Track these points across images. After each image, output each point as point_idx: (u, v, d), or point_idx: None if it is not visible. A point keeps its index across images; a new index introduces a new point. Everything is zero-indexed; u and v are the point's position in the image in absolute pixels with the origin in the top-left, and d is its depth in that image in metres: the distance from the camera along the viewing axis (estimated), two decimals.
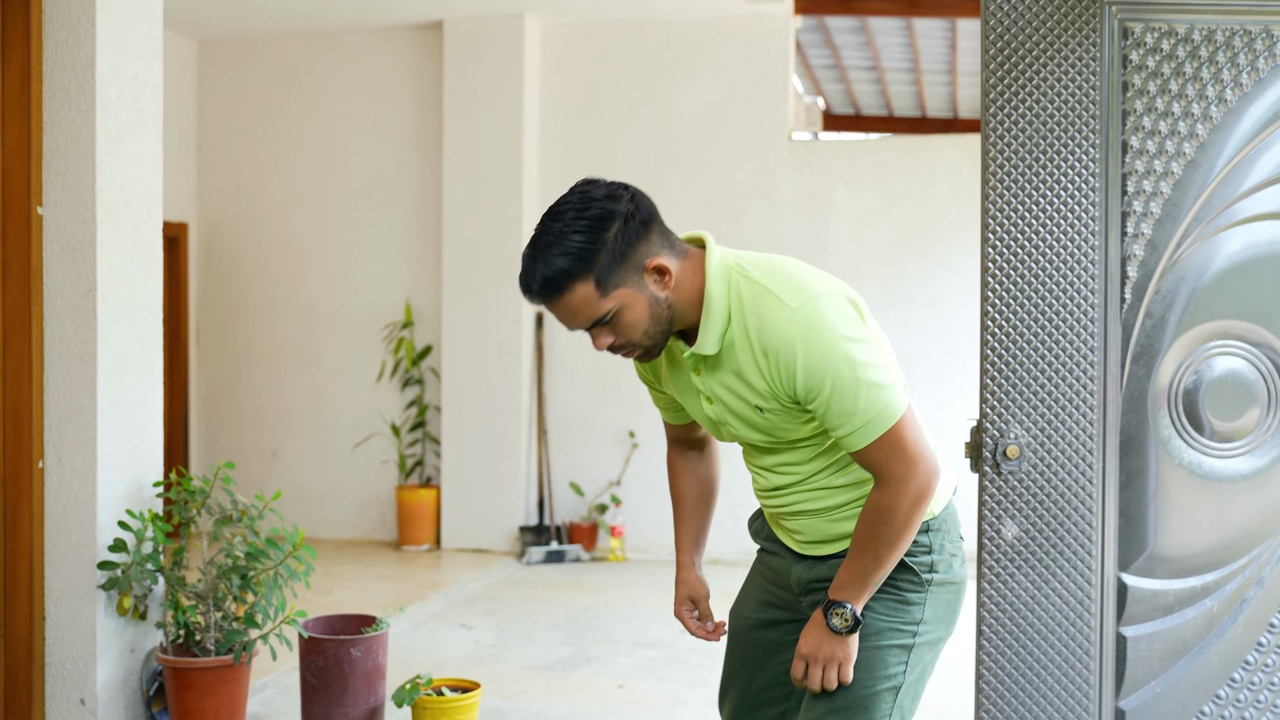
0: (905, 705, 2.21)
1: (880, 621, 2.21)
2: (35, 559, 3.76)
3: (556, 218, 1.98)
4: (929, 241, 7.35)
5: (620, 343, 2.07)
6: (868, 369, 2.01)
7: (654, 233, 2.03)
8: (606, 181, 2.03)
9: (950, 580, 2.29)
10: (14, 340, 3.75)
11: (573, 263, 1.95)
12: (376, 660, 3.75)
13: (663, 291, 2.03)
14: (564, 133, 7.78)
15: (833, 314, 2.01)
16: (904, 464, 2.04)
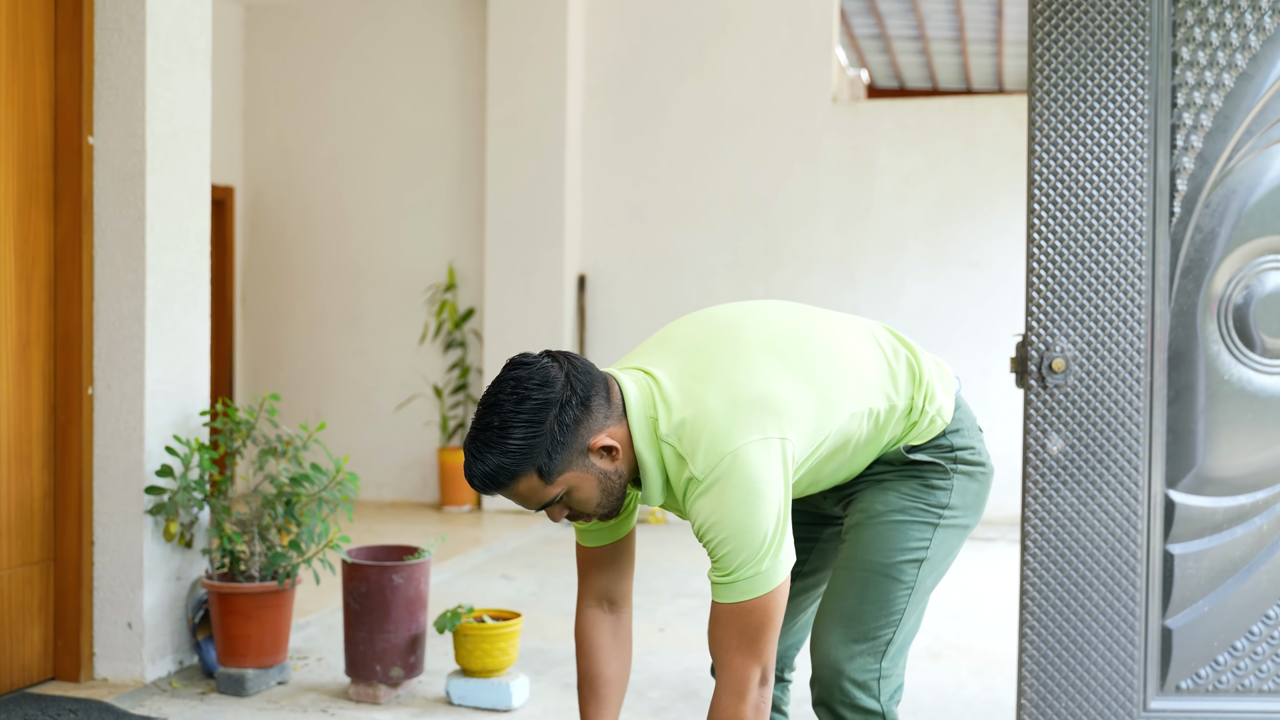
0: (927, 581, 2.20)
1: (904, 501, 2.21)
2: (84, 484, 3.82)
3: (493, 410, 1.92)
4: (974, 203, 7.29)
5: (575, 515, 2.06)
6: (764, 535, 1.94)
7: (594, 407, 1.96)
8: (538, 362, 1.96)
9: (975, 464, 2.25)
10: (65, 268, 3.80)
11: (513, 461, 1.91)
12: (419, 588, 3.77)
13: (612, 465, 2.00)
14: (608, 95, 7.79)
15: (741, 477, 1.93)
16: (744, 652, 1.96)
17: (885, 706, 2.14)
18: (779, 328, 2.15)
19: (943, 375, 2.28)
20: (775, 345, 2.10)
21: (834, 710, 2.14)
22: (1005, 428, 7.05)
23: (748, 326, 2.14)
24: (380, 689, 3.73)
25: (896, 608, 2.17)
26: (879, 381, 2.16)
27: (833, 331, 2.18)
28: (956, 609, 5.14)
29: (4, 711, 3.52)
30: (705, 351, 2.09)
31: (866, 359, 2.17)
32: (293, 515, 3.83)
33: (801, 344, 2.12)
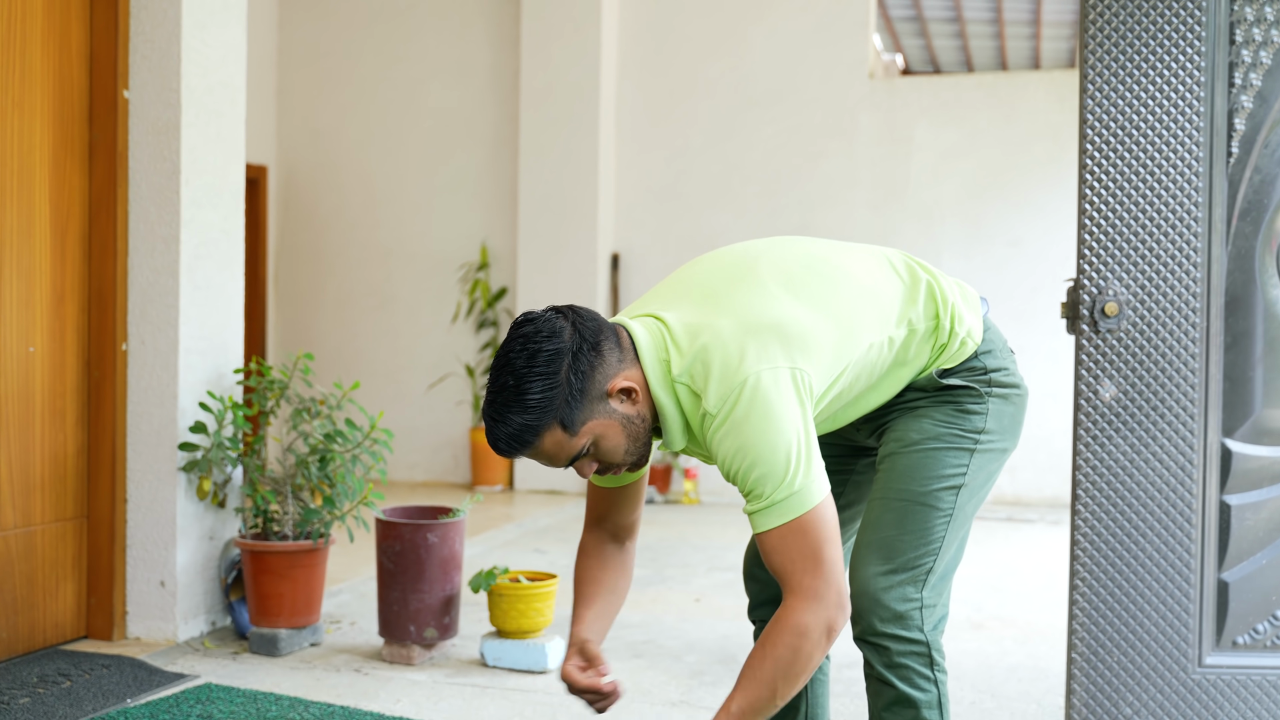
0: (966, 507, 2.14)
1: (939, 428, 2.14)
2: (118, 441, 3.79)
3: (506, 370, 1.89)
4: (1012, 180, 7.20)
5: (605, 468, 2.01)
6: (788, 455, 1.88)
7: (606, 352, 1.93)
8: (542, 317, 1.93)
9: (1009, 385, 2.19)
10: (100, 222, 3.78)
11: (534, 416, 1.87)
12: (453, 548, 3.72)
13: (634, 409, 1.96)
14: (641, 72, 7.73)
15: (757, 405, 1.88)
16: (811, 572, 1.88)
17: (929, 636, 2.07)
18: (791, 260, 2.09)
19: (967, 296, 2.22)
20: (788, 277, 2.05)
21: (874, 644, 2.07)
22: (1044, 407, 6.96)
23: (759, 261, 2.09)
24: (414, 649, 3.68)
25: (935, 536, 2.10)
26: (898, 308, 2.11)
27: (848, 261, 2.13)
28: (997, 583, 5.06)
29: (37, 665, 3.49)
30: (716, 289, 2.05)
31: (884, 285, 2.12)
32: (326, 474, 3.80)
33: (816, 275, 2.07)
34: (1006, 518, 6.85)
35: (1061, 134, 7.09)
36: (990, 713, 3.32)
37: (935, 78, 7.55)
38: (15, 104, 3.53)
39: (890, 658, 2.05)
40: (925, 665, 2.06)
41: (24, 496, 3.58)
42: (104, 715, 3.07)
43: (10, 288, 3.52)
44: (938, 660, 2.08)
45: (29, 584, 3.59)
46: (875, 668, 2.07)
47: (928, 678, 2.06)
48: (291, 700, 3.24)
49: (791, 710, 2.43)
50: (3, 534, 3.50)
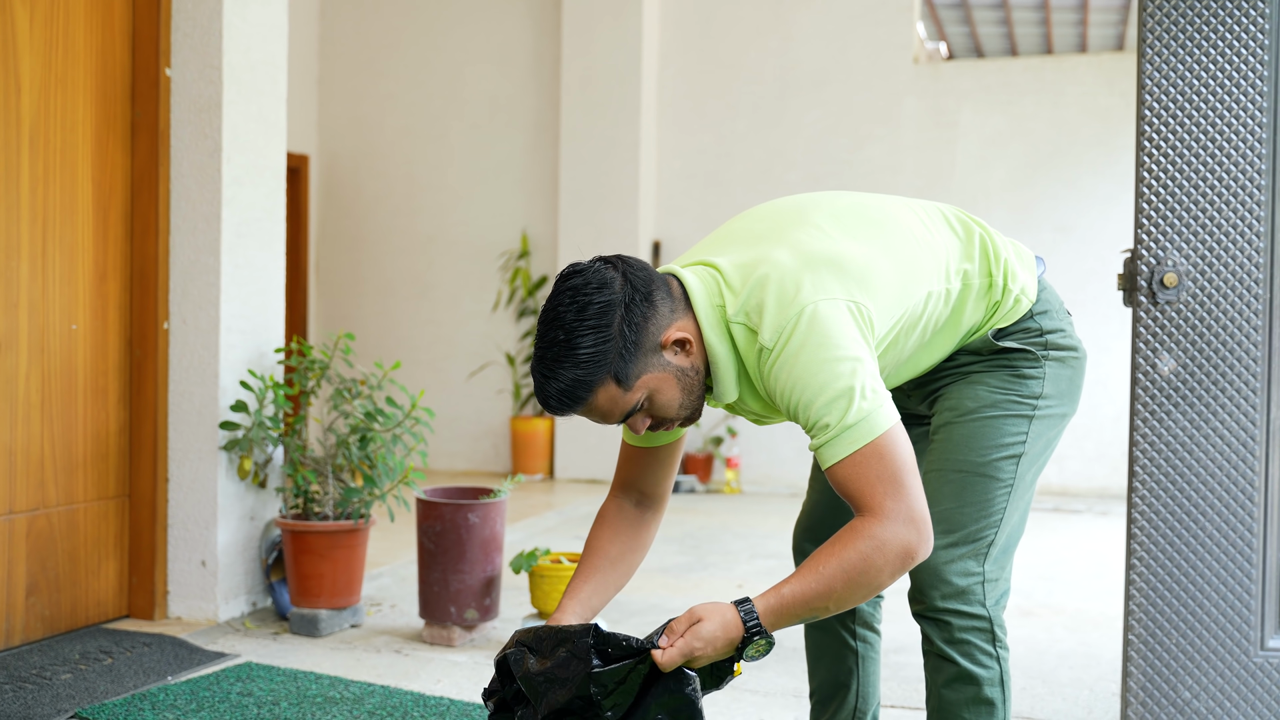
0: (1027, 476, 2.06)
1: (996, 394, 2.07)
2: (159, 420, 3.78)
3: (556, 325, 1.81)
4: (1060, 164, 7.08)
5: (659, 423, 1.94)
6: (851, 380, 1.77)
7: (659, 302, 1.85)
8: (591, 267, 1.85)
9: (1066, 348, 2.11)
10: (142, 200, 3.77)
11: (587, 370, 1.79)
12: (494, 529, 3.68)
13: (688, 360, 1.88)
14: (683, 58, 7.67)
15: (815, 334, 1.79)
16: (893, 495, 1.75)
17: (991, 611, 2.00)
18: (845, 207, 2.03)
19: (1021, 254, 2.15)
20: (843, 221, 1.98)
21: (935, 619, 2.00)
22: (1092, 395, 6.85)
23: (811, 207, 2.02)
24: (454, 631, 3.65)
25: (996, 507, 2.02)
26: (953, 259, 2.03)
27: (901, 212, 2.06)
28: (1046, 571, 4.97)
29: (79, 642, 3.49)
30: (768, 231, 1.97)
31: (939, 237, 2.04)
32: (367, 454, 3.77)
33: (871, 220, 2.00)
34: (1054, 508, 6.74)
35: (1110, 117, 6.96)
36: (1041, 698, 3.24)
37: (980, 62, 7.44)
38: (59, 81, 3.52)
39: (952, 633, 1.98)
40: (988, 641, 1.98)
41: (66, 474, 3.57)
42: (145, 692, 3.06)
43: (53, 265, 3.52)
44: (1000, 636, 2.00)
45: (71, 562, 3.59)
46: (936, 643, 2.00)
47: (990, 654, 1.98)
48: (331, 679, 3.22)
49: (842, 690, 2.37)
50: (45, 511, 3.50)
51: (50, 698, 2.99)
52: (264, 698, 3.03)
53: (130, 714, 2.88)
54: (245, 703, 2.99)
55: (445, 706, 3.00)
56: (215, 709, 2.93)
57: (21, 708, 2.90)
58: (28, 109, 3.43)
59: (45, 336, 3.49)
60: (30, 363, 3.45)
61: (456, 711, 2.96)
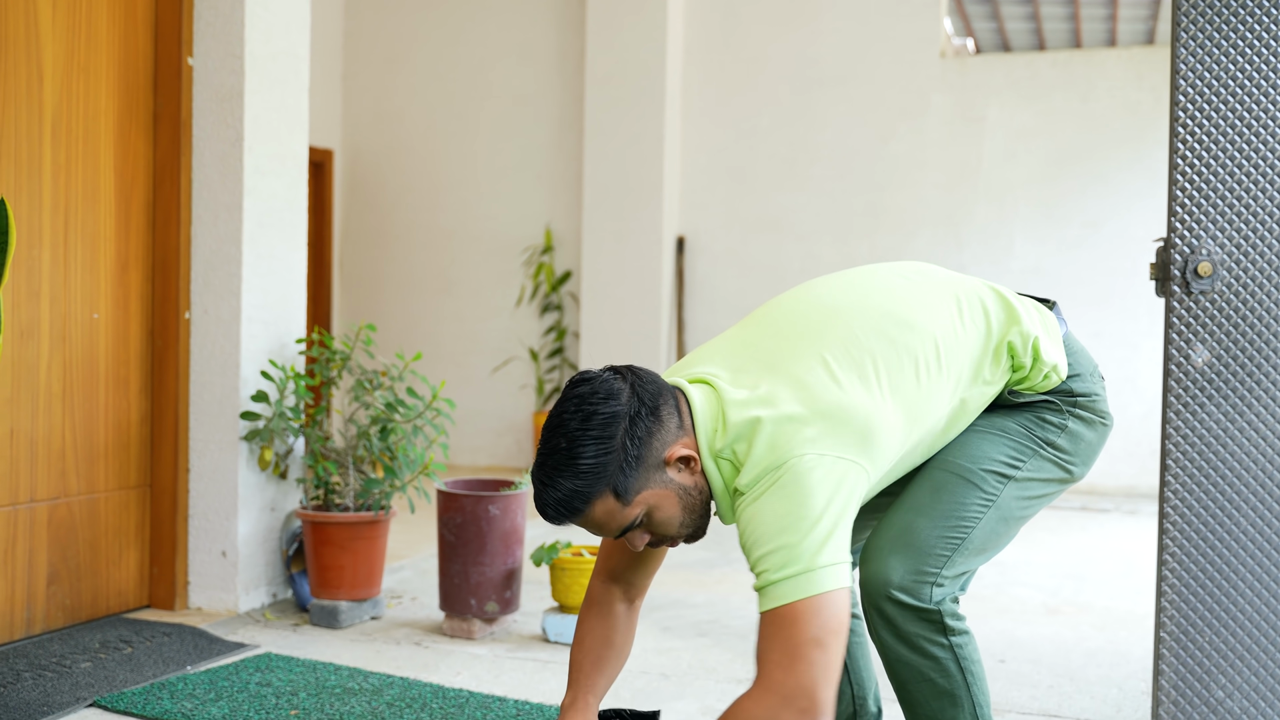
0: (1010, 505, 2.01)
1: (1009, 423, 2.05)
2: (180, 410, 3.77)
3: (559, 432, 1.79)
4: (1089, 160, 7.01)
5: (658, 540, 1.90)
6: (805, 535, 1.71)
7: (665, 417, 1.82)
8: (600, 377, 1.83)
9: (1096, 412, 2.11)
10: (164, 190, 3.76)
11: (586, 483, 1.77)
12: (515, 521, 3.66)
13: (691, 479, 1.85)
14: (708, 52, 7.64)
15: (791, 487, 1.73)
16: (785, 665, 1.67)
17: (940, 605, 1.94)
18: (864, 328, 1.94)
19: (1048, 326, 2.11)
20: (858, 356, 1.90)
21: (881, 612, 1.94)
22: (1120, 393, 6.78)
23: (829, 327, 1.94)
24: (475, 624, 3.62)
25: (969, 516, 1.97)
26: (973, 366, 2.01)
27: (927, 319, 1.98)
28: (1073, 570, 4.90)
29: (99, 631, 3.48)
30: (780, 354, 1.91)
31: (963, 341, 1.99)
32: (387, 445, 3.75)
33: (889, 349, 1.92)
34: (1081, 507, 6.67)
35: (1140, 111, 6.89)
36: (1069, 696, 3.19)
37: (1008, 56, 7.38)
38: (81, 70, 3.51)
39: (897, 626, 1.94)
40: (937, 632, 1.94)
41: (87, 463, 3.57)
42: (164, 681, 3.04)
43: (75, 254, 3.51)
44: (951, 625, 1.95)
45: (92, 551, 3.58)
46: (882, 636, 1.96)
47: (940, 644, 1.95)
48: (351, 670, 3.20)
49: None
50: (66, 500, 3.49)
51: (70, 685, 2.98)
52: (283, 688, 3.01)
53: (149, 702, 2.86)
54: (264, 692, 2.97)
55: (464, 698, 2.97)
56: (234, 698, 2.91)
57: (41, 695, 2.89)
58: (50, 98, 3.42)
59: (67, 325, 3.49)
60: (52, 351, 3.44)
61: (476, 703, 2.93)
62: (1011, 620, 3.98)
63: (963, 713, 1.97)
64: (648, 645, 3.61)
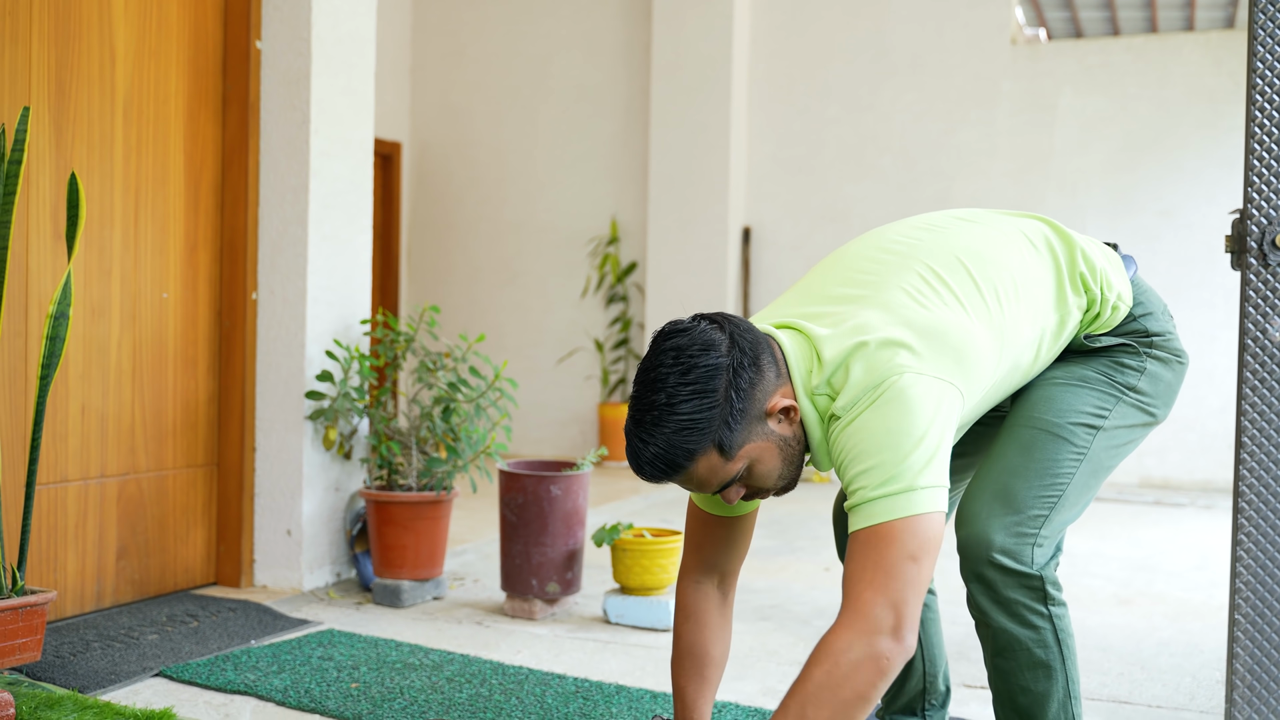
0: (1100, 456, 1.96)
1: (1088, 372, 2.01)
2: (247, 390, 3.81)
3: (656, 387, 1.71)
4: (1163, 147, 6.86)
5: (753, 493, 1.85)
6: (905, 454, 1.67)
7: (765, 367, 1.75)
8: (697, 327, 1.75)
9: (1171, 351, 2.06)
10: (232, 172, 3.81)
11: (689, 438, 1.69)
12: (576, 502, 3.65)
13: (790, 429, 1.79)
14: (774, 42, 7.59)
15: (894, 407, 1.70)
16: (874, 585, 1.63)
17: (1041, 570, 1.88)
18: (944, 258, 1.92)
19: (1111, 260, 2.08)
20: (943, 278, 1.88)
21: (981, 578, 1.88)
22: (1196, 385, 6.64)
23: (910, 260, 1.92)
24: (536, 604, 3.62)
25: (1063, 471, 1.92)
26: (1052, 295, 1.97)
27: (1001, 254, 1.96)
28: (1145, 562, 4.80)
29: (166, 606, 3.53)
30: (865, 286, 1.88)
31: (1037, 274, 1.96)
32: (450, 425, 3.76)
33: (972, 276, 1.90)
34: (1155, 501, 6.53)
35: (1217, 96, 6.73)
36: (1140, 684, 3.12)
37: (1080, 42, 7.24)
38: (152, 54, 3.57)
39: (997, 591, 1.87)
40: (1037, 600, 1.88)
41: (156, 441, 3.62)
42: (228, 653, 3.08)
43: (145, 234, 3.56)
44: (1052, 594, 1.89)
45: (160, 528, 3.64)
46: (980, 603, 1.89)
47: (1040, 613, 1.88)
48: (412, 647, 3.21)
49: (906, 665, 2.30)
50: (136, 476, 3.55)
51: (136, 656, 3.02)
52: (344, 662, 3.03)
53: (213, 673, 2.89)
54: (325, 666, 2.99)
55: (524, 675, 2.97)
56: (296, 671, 2.94)
57: (109, 664, 2.94)
58: (122, 81, 3.47)
59: (137, 305, 3.54)
60: (122, 330, 3.50)
61: (535, 680, 2.93)
62: (1082, 609, 3.90)
63: (1056, 685, 1.91)
64: None
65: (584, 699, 2.79)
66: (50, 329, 2.72)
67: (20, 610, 2.62)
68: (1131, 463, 6.94)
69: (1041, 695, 1.90)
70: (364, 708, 2.67)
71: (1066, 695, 1.90)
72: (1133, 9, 9.76)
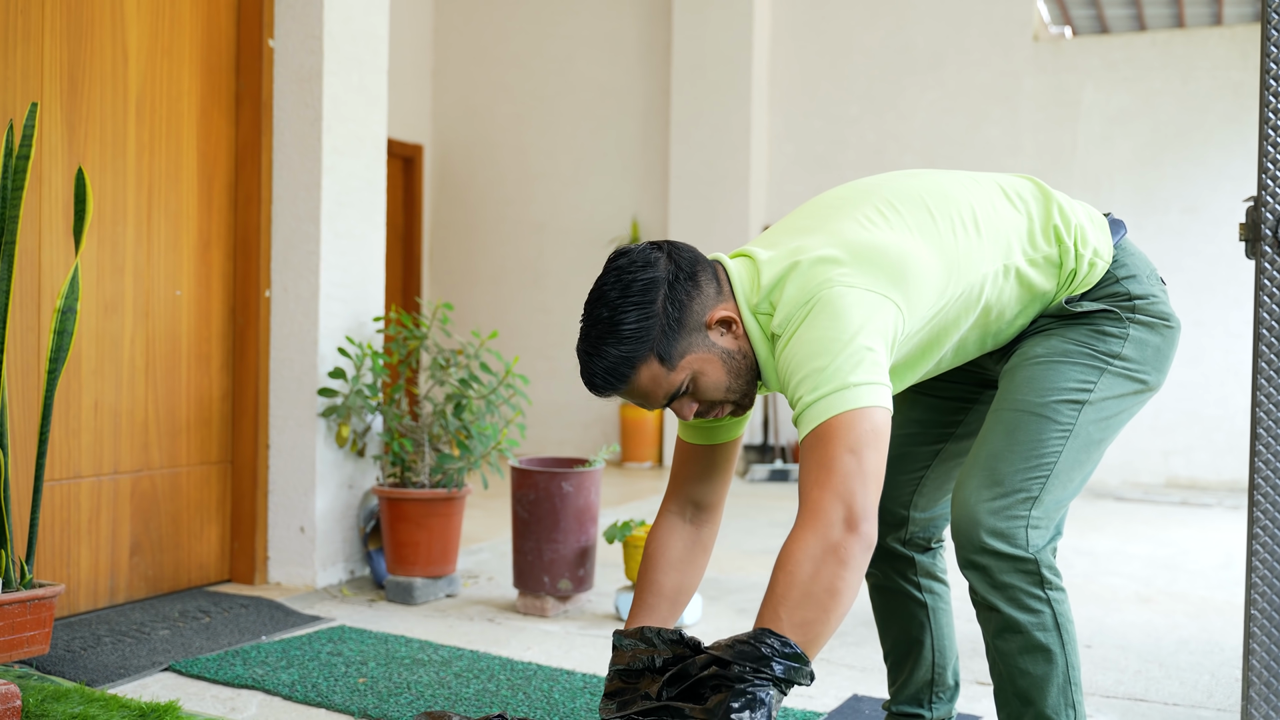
0: (1089, 429, 1.93)
1: (1069, 345, 1.97)
2: (260, 387, 3.82)
3: (600, 303, 1.84)
4: (1189, 143, 6.79)
5: (706, 408, 1.91)
6: (837, 355, 1.72)
7: (704, 283, 1.86)
8: (636, 248, 1.88)
9: (1156, 315, 2.00)
10: (246, 169, 3.82)
11: (630, 348, 1.80)
12: (588, 498, 3.64)
13: (734, 343, 1.88)
14: (795, 41, 7.56)
15: (824, 316, 1.75)
16: (820, 483, 1.68)
17: (1036, 554, 1.86)
18: (903, 193, 1.97)
19: (1093, 217, 2.05)
20: (896, 208, 1.93)
21: (976, 563, 1.87)
22: (1224, 384, 6.56)
23: (868, 194, 1.97)
24: (548, 601, 3.61)
25: (1048, 450, 1.90)
26: (1018, 234, 1.96)
27: (965, 193, 1.98)
28: (1169, 561, 4.74)
29: (179, 602, 3.54)
30: (814, 222, 1.94)
31: (1004, 216, 1.97)
32: (463, 422, 3.75)
33: (927, 207, 1.93)
34: (1181, 501, 6.46)
35: (1243, 91, 6.65)
36: (1157, 681, 3.07)
37: (1104, 37, 7.18)
38: (165, 52, 3.58)
39: (993, 577, 1.86)
40: (1034, 584, 1.86)
41: (169, 438, 3.63)
42: (238, 648, 3.08)
43: (159, 231, 3.58)
44: (1049, 578, 1.87)
45: (174, 524, 3.65)
46: (979, 591, 1.89)
47: (1038, 596, 1.86)
48: (421, 643, 3.20)
49: (916, 646, 2.29)
50: (149, 473, 3.56)
51: (147, 650, 3.03)
52: (353, 657, 3.03)
53: (222, 668, 2.90)
54: (334, 661, 2.99)
55: (533, 670, 2.96)
56: (304, 666, 2.94)
57: (119, 659, 2.94)
58: (135, 79, 3.49)
59: (150, 301, 3.55)
60: (135, 327, 3.51)
61: (544, 676, 2.92)
62: (1101, 607, 3.86)
63: (1055, 670, 1.89)
64: (722, 625, 3.57)
65: (591, 694, 2.77)
66: (58, 324, 2.73)
67: (28, 603, 2.63)
68: (1157, 463, 6.87)
69: (1041, 678, 1.88)
70: (370, 702, 2.67)
71: (1066, 680, 1.89)
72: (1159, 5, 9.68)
